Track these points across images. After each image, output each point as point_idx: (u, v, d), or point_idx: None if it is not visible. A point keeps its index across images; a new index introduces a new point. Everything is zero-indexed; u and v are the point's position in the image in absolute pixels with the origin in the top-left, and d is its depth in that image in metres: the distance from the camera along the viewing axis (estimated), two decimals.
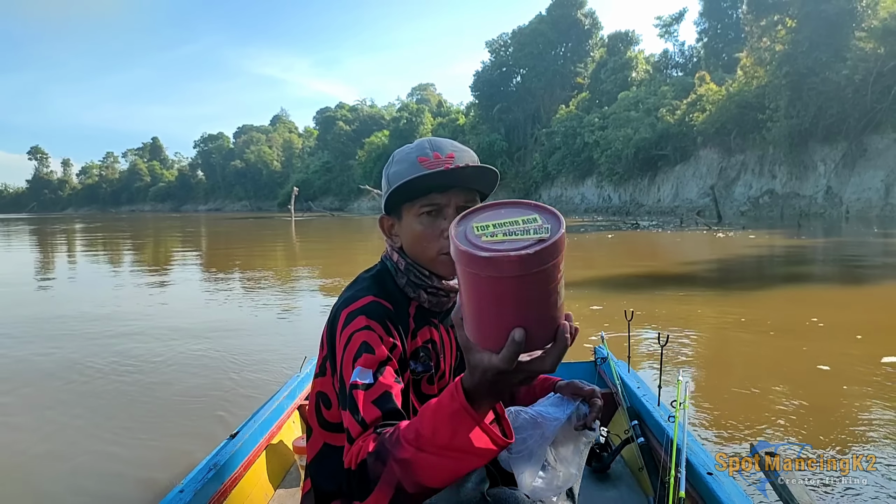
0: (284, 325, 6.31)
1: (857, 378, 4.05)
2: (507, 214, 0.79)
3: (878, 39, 28.76)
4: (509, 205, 0.83)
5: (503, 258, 0.71)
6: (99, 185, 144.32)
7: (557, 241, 0.73)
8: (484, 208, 0.83)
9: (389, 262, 1.31)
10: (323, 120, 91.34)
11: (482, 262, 0.72)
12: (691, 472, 1.69)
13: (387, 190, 1.25)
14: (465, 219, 0.80)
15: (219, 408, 3.66)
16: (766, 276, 10.20)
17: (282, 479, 2.26)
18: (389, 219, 1.31)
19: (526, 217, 0.78)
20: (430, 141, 1.27)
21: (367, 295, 1.21)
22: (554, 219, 0.77)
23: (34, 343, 5.50)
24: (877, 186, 28.85)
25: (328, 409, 1.27)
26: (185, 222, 44.66)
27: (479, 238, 0.75)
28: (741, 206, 35.15)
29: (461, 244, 0.75)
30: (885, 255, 13.07)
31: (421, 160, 1.22)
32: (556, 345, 0.79)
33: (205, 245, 20.73)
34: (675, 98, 42.25)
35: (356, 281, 1.31)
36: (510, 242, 0.73)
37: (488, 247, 0.73)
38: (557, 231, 0.74)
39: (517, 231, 0.75)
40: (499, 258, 0.71)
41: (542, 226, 0.75)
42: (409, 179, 1.18)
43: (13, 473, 2.96)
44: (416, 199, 1.23)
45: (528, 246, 0.72)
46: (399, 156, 1.28)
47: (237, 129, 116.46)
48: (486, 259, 0.72)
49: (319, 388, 1.29)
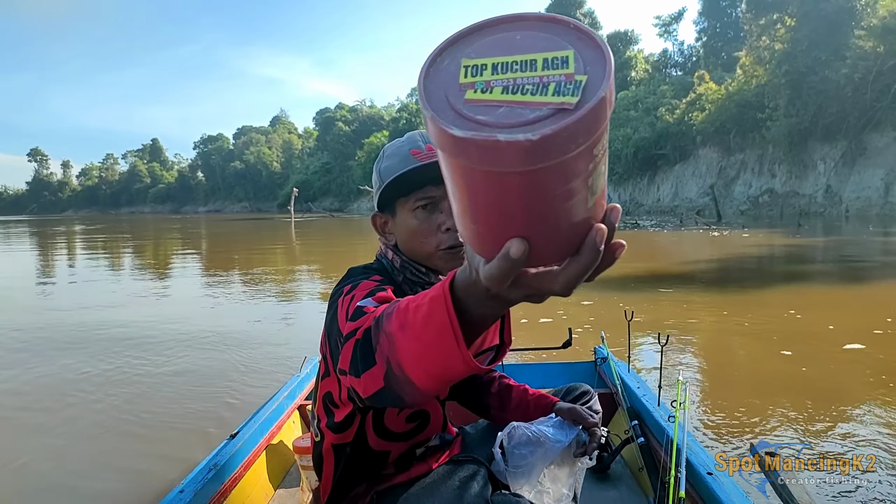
0: (284, 326, 6.31)
1: (857, 378, 4.05)
2: (524, 45, 0.50)
3: (877, 38, 28.75)
4: (531, 22, 0.52)
5: (491, 143, 0.45)
6: (99, 186, 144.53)
7: (596, 109, 0.45)
8: (488, 26, 0.53)
9: (385, 260, 1.28)
10: (322, 120, 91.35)
11: (458, 145, 0.46)
12: (691, 473, 1.69)
13: (379, 185, 1.21)
14: (453, 46, 0.53)
15: (219, 408, 3.67)
16: (765, 276, 10.19)
17: (282, 479, 2.27)
18: (382, 216, 1.27)
19: (552, 54, 0.49)
20: (421, 133, 1.23)
21: (375, 275, 1.17)
22: (597, 58, 0.48)
23: (37, 347, 5.50)
24: (876, 185, 28.84)
25: (336, 409, 1.25)
26: (185, 224, 44.66)
27: (463, 93, 0.49)
28: (741, 205, 35.14)
29: (430, 104, 0.49)
30: (884, 254, 13.07)
31: (414, 153, 1.18)
32: (577, 259, 0.52)
33: (205, 247, 20.73)
34: (675, 97, 42.27)
35: (353, 272, 1.24)
36: (513, 108, 0.47)
37: (474, 116, 0.47)
38: (598, 88, 0.46)
39: (530, 84, 0.48)
40: (485, 142, 0.45)
41: (571, 76, 0.47)
42: (405, 172, 1.15)
43: (13, 474, 2.96)
44: (410, 194, 1.19)
45: (540, 120, 0.45)
46: (390, 150, 1.24)
47: (237, 130, 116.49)
48: (464, 141, 0.46)
49: (327, 389, 1.26)
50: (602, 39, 0.50)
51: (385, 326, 0.78)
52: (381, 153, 1.26)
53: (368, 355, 0.82)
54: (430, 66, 0.52)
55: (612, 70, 0.47)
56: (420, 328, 0.69)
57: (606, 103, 0.46)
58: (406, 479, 1.29)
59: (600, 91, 0.45)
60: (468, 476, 1.23)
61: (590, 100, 0.45)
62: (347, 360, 0.89)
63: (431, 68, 0.52)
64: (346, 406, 1.23)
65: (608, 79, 0.46)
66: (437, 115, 0.47)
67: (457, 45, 0.53)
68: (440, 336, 0.65)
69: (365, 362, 0.82)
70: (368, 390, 0.82)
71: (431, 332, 0.66)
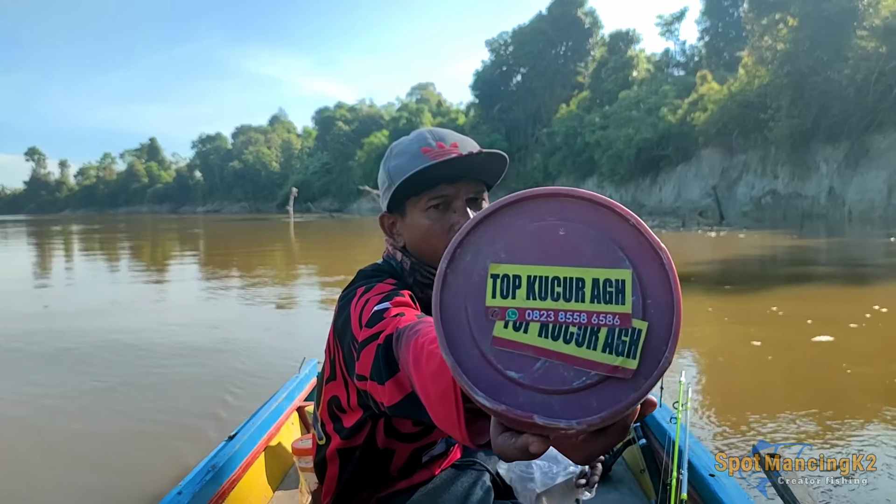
0: (283, 327, 6.29)
1: (858, 378, 4.03)
2: (569, 246, 0.41)
3: (879, 38, 28.72)
4: (576, 203, 0.42)
5: (525, 421, 0.39)
6: (96, 186, 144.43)
7: (655, 380, 0.39)
8: (524, 200, 0.43)
9: (394, 262, 1.23)
10: (322, 120, 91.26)
11: (486, 408, 0.40)
12: (693, 474, 1.67)
13: (388, 185, 1.17)
14: (479, 230, 0.43)
15: (218, 409, 3.65)
16: (767, 277, 10.18)
17: (280, 480, 2.25)
18: (391, 216, 1.23)
19: (604, 273, 0.40)
20: (430, 131, 1.20)
21: (389, 278, 1.15)
22: (660, 282, 0.40)
23: (37, 346, 5.49)
24: (879, 187, 28.78)
25: (343, 413, 1.22)
26: (183, 224, 44.67)
27: (490, 324, 0.40)
28: (743, 206, 35.10)
29: (448, 334, 0.41)
30: (887, 255, 13.05)
31: (424, 151, 1.14)
32: (602, 436, 0.45)
33: (203, 248, 20.73)
34: (677, 97, 42.20)
35: (363, 274, 1.21)
36: (553, 366, 0.39)
37: (504, 370, 0.40)
38: (662, 348, 0.39)
39: (575, 325, 0.39)
40: (518, 419, 0.39)
41: (628, 319, 0.39)
42: (419, 170, 1.10)
43: (12, 474, 2.94)
44: (422, 193, 1.14)
45: (585, 388, 0.39)
46: (399, 148, 1.20)
47: (235, 130, 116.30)
48: (493, 410, 0.40)
49: (333, 394, 1.23)
50: (666, 252, 0.41)
51: (403, 349, 0.77)
52: (389, 151, 1.22)
53: (392, 362, 0.80)
54: (448, 266, 0.42)
55: (680, 306, 0.39)
56: (428, 379, 0.66)
57: (667, 366, 0.38)
58: (408, 486, 1.27)
59: (664, 357, 0.38)
60: (471, 483, 1.22)
61: (649, 370, 0.38)
62: (368, 365, 0.86)
63: (449, 269, 0.42)
64: (355, 412, 1.20)
65: (675, 330, 0.38)
66: (458, 365, 0.40)
67: (482, 228, 0.43)
68: (443, 399, 0.62)
69: (389, 369, 0.81)
70: (393, 398, 0.80)
71: (438, 388, 0.63)
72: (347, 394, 1.19)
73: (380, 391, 0.83)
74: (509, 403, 0.38)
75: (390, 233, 1.25)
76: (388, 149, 1.23)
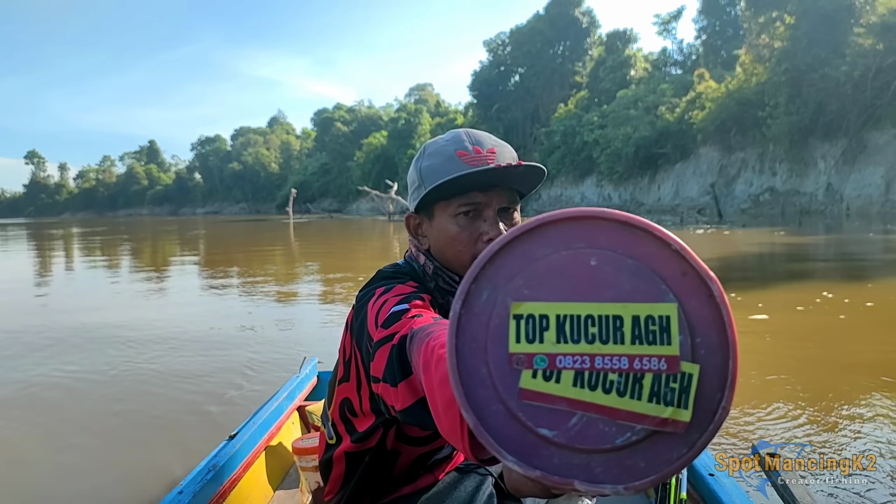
0: (281, 328, 6.29)
1: (858, 378, 4.04)
2: (602, 278, 0.35)
3: (876, 35, 28.76)
4: (608, 226, 0.37)
5: (565, 486, 0.34)
6: (96, 189, 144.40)
7: (717, 424, 0.34)
8: (547, 225, 0.37)
9: (416, 264, 1.20)
10: (320, 121, 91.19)
11: (521, 474, 0.36)
12: (692, 473, 1.68)
13: (419, 185, 1.13)
14: (495, 263, 0.37)
15: (217, 410, 3.65)
16: (766, 274, 10.18)
17: (281, 480, 2.26)
18: (417, 217, 1.18)
19: (646, 308, 0.34)
20: (467, 133, 1.14)
21: (410, 281, 1.12)
22: (710, 318, 0.34)
23: (40, 352, 5.49)
24: (877, 183, 28.82)
25: (355, 418, 1.21)
26: (183, 226, 44.65)
27: (517, 374, 0.35)
28: (742, 203, 35.13)
29: (468, 391, 0.36)
30: (885, 252, 13.07)
31: (460, 154, 1.09)
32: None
33: (203, 248, 20.73)
34: (675, 96, 42.24)
35: (382, 273, 1.18)
36: (591, 421, 0.34)
37: (535, 427, 0.35)
38: (717, 396, 0.34)
39: (615, 371, 0.34)
40: (557, 484, 0.34)
41: (676, 363, 0.34)
42: (454, 178, 1.05)
43: (12, 475, 2.94)
44: (452, 198, 1.10)
45: (631, 445, 0.34)
46: (432, 148, 1.15)
47: (234, 132, 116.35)
48: (529, 479, 0.35)
49: (345, 395, 1.22)
50: (716, 281, 0.35)
51: (415, 351, 0.75)
52: (422, 150, 1.18)
53: (405, 364, 0.79)
54: (462, 308, 0.37)
55: (737, 346, 0.34)
56: (436, 385, 0.64)
57: (725, 417, 0.33)
58: (412, 491, 1.27)
59: (720, 406, 0.33)
60: (474, 487, 1.21)
61: (704, 423, 0.32)
62: (382, 366, 0.85)
63: (463, 311, 0.36)
64: (367, 417, 1.18)
65: (732, 374, 0.33)
66: (481, 422, 0.34)
67: (499, 260, 0.37)
68: (448, 409, 0.59)
69: (403, 371, 0.79)
70: (405, 402, 0.79)
71: (445, 396, 0.60)
72: (360, 398, 1.18)
73: (392, 394, 0.81)
74: (544, 468, 0.34)
75: (415, 234, 1.21)
76: (422, 147, 1.19)
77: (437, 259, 1.16)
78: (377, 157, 67.90)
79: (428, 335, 0.74)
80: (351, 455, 1.23)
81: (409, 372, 0.78)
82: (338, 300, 7.68)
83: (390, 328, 0.89)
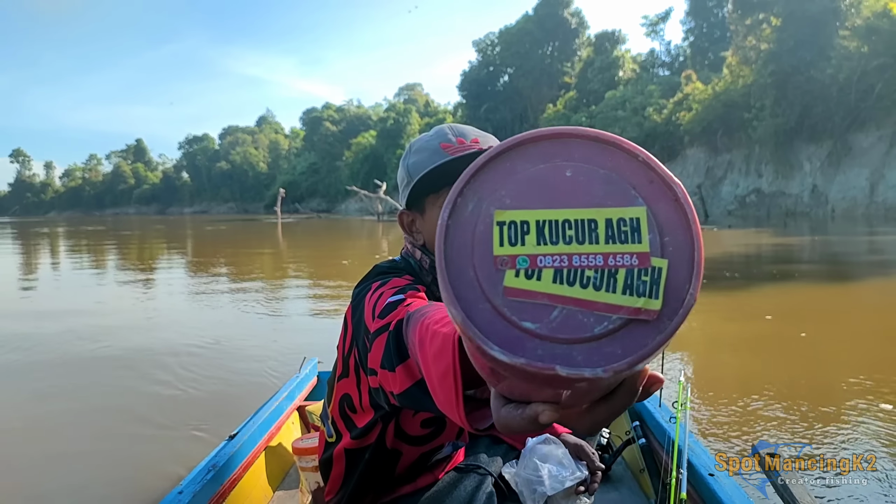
0: (280, 328, 6.27)
1: (858, 378, 4.08)
2: (577, 187, 0.39)
3: (861, 38, 29.12)
4: (582, 142, 0.40)
5: (548, 374, 0.36)
6: (82, 187, 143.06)
7: (681, 320, 0.37)
8: (525, 144, 0.41)
9: (412, 260, 1.22)
10: (309, 120, 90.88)
11: (503, 366, 0.37)
12: (692, 473, 1.69)
13: (407, 182, 1.16)
14: (479, 177, 0.41)
15: (217, 410, 3.64)
16: (763, 274, 10.26)
17: (281, 480, 2.26)
18: (410, 214, 1.21)
19: (617, 212, 0.38)
20: (451, 127, 1.18)
21: (406, 274, 1.13)
22: (676, 220, 0.38)
23: (32, 351, 5.44)
24: (862, 185, 29.17)
25: (354, 413, 1.22)
26: (170, 226, 44.32)
27: (500, 273, 0.38)
28: (728, 205, 35.41)
29: (456, 290, 0.38)
30: (870, 252, 13.22)
31: (444, 146, 1.12)
32: (610, 401, 0.43)
33: (191, 249, 20.60)
34: (662, 97, 42.51)
35: (379, 268, 1.18)
36: (571, 313, 0.37)
37: (518, 321, 0.37)
38: (685, 286, 0.37)
39: (591, 268, 0.37)
40: (539, 372, 0.36)
41: (646, 258, 0.37)
42: (437, 165, 1.09)
43: (11, 475, 2.92)
44: (441, 190, 1.12)
45: (608, 334, 0.36)
46: (418, 144, 1.18)
47: (222, 130, 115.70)
48: (511, 366, 0.37)
49: (345, 391, 1.23)
50: (680, 186, 0.39)
51: (411, 332, 0.75)
52: (408, 148, 1.21)
53: (402, 347, 0.79)
54: (450, 218, 0.39)
55: (701, 241, 0.37)
56: (431, 359, 0.64)
57: (692, 304, 0.36)
58: (412, 490, 1.28)
59: (688, 294, 0.36)
60: (474, 487, 1.22)
61: (674, 310, 0.36)
62: (379, 355, 0.85)
63: (451, 221, 0.39)
64: (367, 412, 1.20)
65: (697, 266, 0.36)
66: (468, 318, 0.37)
67: (483, 175, 0.40)
68: (443, 379, 0.60)
69: (400, 355, 0.80)
70: (403, 385, 0.79)
71: (440, 368, 0.61)
72: (360, 393, 1.19)
73: (390, 379, 0.82)
74: (528, 356, 0.35)
75: (409, 231, 1.22)
76: (408, 146, 1.21)
77: (433, 253, 1.14)
78: (366, 156, 67.74)
79: (423, 315, 0.74)
80: (351, 452, 1.24)
81: (406, 356, 0.78)
82: (330, 302, 7.66)
83: (386, 318, 0.89)
